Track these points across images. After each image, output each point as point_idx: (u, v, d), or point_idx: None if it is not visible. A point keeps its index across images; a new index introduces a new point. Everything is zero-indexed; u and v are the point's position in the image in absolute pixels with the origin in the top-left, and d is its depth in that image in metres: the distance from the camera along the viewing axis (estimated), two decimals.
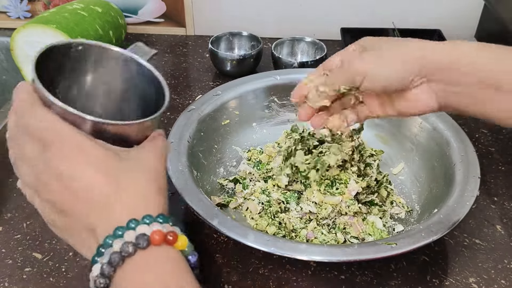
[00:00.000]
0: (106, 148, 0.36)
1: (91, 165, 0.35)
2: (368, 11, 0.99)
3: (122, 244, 0.33)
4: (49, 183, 0.35)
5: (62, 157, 0.35)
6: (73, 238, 0.37)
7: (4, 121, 0.77)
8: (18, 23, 0.94)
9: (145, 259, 0.34)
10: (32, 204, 0.38)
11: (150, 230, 0.34)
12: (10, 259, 0.55)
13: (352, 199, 0.58)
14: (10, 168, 0.39)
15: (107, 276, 0.33)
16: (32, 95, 0.37)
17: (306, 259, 0.48)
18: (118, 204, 0.35)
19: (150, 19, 1.03)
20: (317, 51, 0.90)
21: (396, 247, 0.48)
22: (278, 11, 1.00)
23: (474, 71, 0.43)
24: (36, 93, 0.37)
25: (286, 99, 0.73)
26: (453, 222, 0.50)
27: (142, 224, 0.34)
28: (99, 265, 0.34)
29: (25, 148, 0.36)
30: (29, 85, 0.38)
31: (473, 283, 0.53)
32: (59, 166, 0.35)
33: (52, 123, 0.35)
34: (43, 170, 0.35)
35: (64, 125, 0.35)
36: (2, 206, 0.61)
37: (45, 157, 0.35)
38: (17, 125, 0.38)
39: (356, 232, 0.57)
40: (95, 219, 0.35)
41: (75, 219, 0.35)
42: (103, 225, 0.34)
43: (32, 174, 0.37)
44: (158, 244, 0.34)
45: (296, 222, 0.58)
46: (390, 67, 0.45)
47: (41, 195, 0.37)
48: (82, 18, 0.81)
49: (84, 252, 0.37)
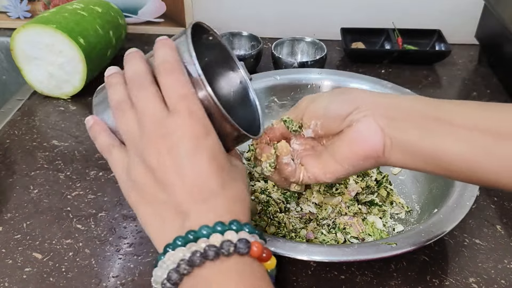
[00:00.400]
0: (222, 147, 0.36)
1: (210, 154, 0.35)
2: (368, 11, 0.99)
3: (223, 241, 0.32)
4: (158, 148, 0.34)
5: (185, 132, 0.34)
6: (155, 211, 0.35)
7: (4, 121, 0.77)
8: (18, 23, 0.94)
9: (236, 264, 0.33)
10: (103, 154, 0.39)
11: (252, 239, 0.33)
12: (10, 259, 0.55)
13: (352, 200, 0.58)
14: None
15: (193, 265, 0.32)
16: (178, 59, 0.36)
17: (306, 259, 0.48)
18: (220, 202, 0.34)
19: (150, 19, 1.04)
20: (317, 51, 0.90)
21: (396, 247, 0.48)
22: (278, 11, 1.00)
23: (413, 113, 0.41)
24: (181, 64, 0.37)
25: (286, 99, 0.73)
26: (453, 222, 0.50)
27: (242, 230, 0.33)
28: (185, 251, 0.32)
29: (149, 100, 0.36)
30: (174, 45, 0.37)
31: (473, 283, 0.53)
32: (178, 138, 0.34)
33: (192, 95, 0.35)
34: (157, 132, 0.35)
35: (200, 106, 0.35)
36: (2, 206, 0.61)
37: (166, 122, 0.35)
38: (147, 72, 0.37)
39: (356, 232, 0.57)
40: (193, 205, 0.34)
41: (170, 194, 0.34)
42: (199, 215, 0.34)
43: (137, 127, 0.36)
44: (255, 256, 0.33)
45: (296, 222, 0.58)
46: (334, 106, 0.44)
47: (136, 153, 0.36)
48: (82, 18, 0.82)
49: (155, 227, 0.35)
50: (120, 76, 0.39)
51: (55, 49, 0.78)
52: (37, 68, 0.80)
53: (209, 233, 0.32)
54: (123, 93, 0.38)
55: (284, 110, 0.74)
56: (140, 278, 0.53)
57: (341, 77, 0.73)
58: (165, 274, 0.33)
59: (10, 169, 0.67)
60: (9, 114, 0.79)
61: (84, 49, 0.78)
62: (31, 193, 0.63)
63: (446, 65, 0.95)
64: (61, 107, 0.81)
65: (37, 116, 0.79)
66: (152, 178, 0.35)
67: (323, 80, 0.73)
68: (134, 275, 0.53)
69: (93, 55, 0.81)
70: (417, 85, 0.89)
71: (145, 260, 0.55)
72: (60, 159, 0.69)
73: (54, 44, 0.77)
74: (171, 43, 0.38)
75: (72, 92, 0.82)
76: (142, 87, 0.36)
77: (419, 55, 0.94)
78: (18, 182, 0.65)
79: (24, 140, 0.73)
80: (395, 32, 0.96)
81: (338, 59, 0.97)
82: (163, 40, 0.38)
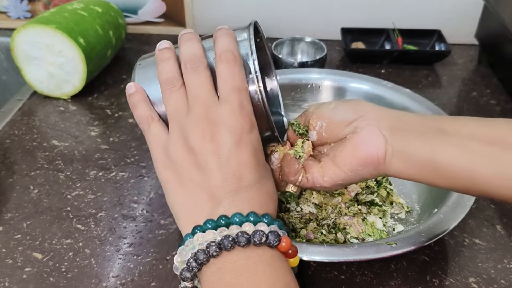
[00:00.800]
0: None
1: (253, 147, 0.36)
2: (368, 11, 0.99)
3: (255, 231, 0.33)
4: (204, 131, 0.36)
5: (235, 122, 0.36)
6: (188, 193, 0.36)
7: (4, 121, 0.77)
8: (18, 23, 0.94)
9: (264, 255, 0.34)
10: (141, 133, 0.40)
11: (282, 233, 0.35)
12: (10, 259, 0.55)
13: (351, 200, 0.58)
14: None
15: (222, 248, 0.33)
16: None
17: (306, 259, 0.48)
18: (255, 194, 0.35)
19: (150, 19, 1.04)
20: (317, 51, 0.90)
21: (396, 247, 0.48)
22: (278, 11, 1.00)
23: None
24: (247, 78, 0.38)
25: (286, 99, 0.73)
26: (453, 222, 0.50)
27: (275, 224, 0.35)
28: (214, 234, 0.33)
29: (204, 85, 0.37)
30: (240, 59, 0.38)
31: (473, 283, 0.53)
32: (226, 126, 0.36)
33: (246, 89, 0.37)
34: (207, 116, 0.36)
35: (250, 101, 0.37)
36: (2, 206, 0.61)
37: (217, 109, 0.36)
38: (207, 53, 0.39)
39: (356, 232, 0.57)
40: (227, 192, 0.35)
41: (207, 179, 0.35)
42: (231, 202, 0.35)
43: (186, 107, 0.37)
44: (283, 251, 0.34)
45: (296, 222, 0.58)
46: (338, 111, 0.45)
47: (179, 131, 0.37)
48: (82, 18, 0.82)
49: (186, 209, 0.36)
50: (172, 52, 0.40)
51: (55, 49, 0.78)
52: (37, 68, 0.80)
53: (242, 221, 0.33)
54: (175, 70, 0.39)
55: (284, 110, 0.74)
56: (140, 278, 0.53)
57: (341, 77, 0.73)
58: (191, 254, 0.33)
59: (10, 169, 0.67)
60: (9, 114, 0.79)
61: (84, 49, 0.78)
62: (31, 193, 0.63)
63: (446, 65, 0.95)
64: (61, 107, 0.82)
65: (37, 116, 0.79)
66: (192, 160, 0.36)
67: (323, 80, 0.73)
68: (134, 275, 0.53)
69: (93, 55, 0.81)
70: (417, 85, 0.89)
71: (145, 260, 0.55)
72: (60, 159, 0.69)
73: (54, 44, 0.77)
74: (234, 34, 0.39)
75: (72, 92, 0.82)
76: (198, 71, 0.37)
77: (419, 55, 0.94)
78: (18, 182, 0.65)
79: (24, 140, 0.73)
80: (395, 32, 0.96)
81: (338, 59, 0.97)
82: (226, 30, 0.39)
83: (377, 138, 0.41)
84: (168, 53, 0.40)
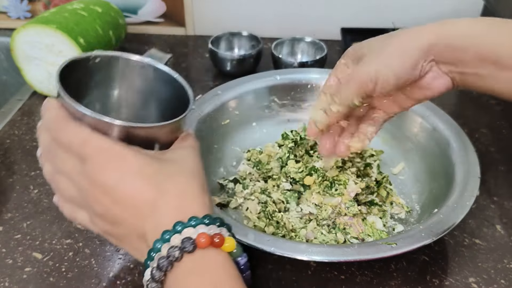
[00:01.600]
0: (144, 154, 0.36)
1: (133, 172, 0.35)
2: (368, 11, 0.99)
3: (169, 248, 0.33)
4: (95, 197, 0.36)
5: (104, 169, 0.35)
6: (128, 245, 0.38)
7: (4, 121, 0.77)
8: (18, 23, 0.94)
9: (193, 263, 0.33)
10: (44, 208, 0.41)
11: (196, 233, 0.34)
12: (10, 259, 0.55)
13: (351, 201, 0.58)
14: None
15: (158, 280, 0.33)
16: (61, 111, 0.37)
17: (306, 259, 0.48)
18: (164, 208, 0.35)
19: (150, 19, 1.03)
20: (317, 51, 0.90)
21: (396, 247, 0.48)
22: (278, 11, 1.00)
23: (469, 45, 0.42)
24: (63, 108, 0.37)
25: (286, 99, 0.73)
26: (453, 222, 0.50)
27: (188, 226, 0.34)
28: (149, 269, 0.34)
29: (65, 164, 0.37)
30: (55, 101, 0.38)
31: (473, 283, 0.53)
32: (101, 178, 0.35)
33: (88, 136, 0.35)
34: (86, 184, 0.36)
35: (99, 137, 0.35)
36: (2, 206, 0.61)
37: (86, 171, 0.35)
38: (51, 143, 0.38)
39: (356, 232, 0.57)
40: (144, 224, 0.35)
41: (126, 227, 0.36)
42: (152, 230, 0.35)
43: (75, 189, 0.37)
44: (205, 247, 0.34)
45: (296, 222, 0.58)
46: (396, 62, 0.44)
47: (89, 209, 0.37)
48: (82, 18, 0.82)
49: (138, 257, 0.37)
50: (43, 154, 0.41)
51: (55, 49, 0.78)
52: (37, 68, 0.80)
53: (160, 245, 0.34)
54: (49, 169, 0.40)
55: (284, 110, 0.74)
56: (140, 278, 0.52)
57: None
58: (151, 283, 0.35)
59: (10, 169, 0.67)
60: (9, 114, 0.79)
61: (84, 49, 0.78)
62: (31, 193, 0.63)
63: None
64: None
65: (37, 116, 0.79)
66: (108, 224, 0.37)
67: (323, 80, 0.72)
68: (134, 275, 0.53)
69: None
70: None
71: None
72: None
73: (54, 44, 0.77)
74: (50, 103, 0.38)
75: None
76: (54, 156, 0.38)
77: None
78: (18, 182, 0.65)
79: (24, 140, 0.73)
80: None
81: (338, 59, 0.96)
82: (44, 105, 0.39)
83: (444, 82, 0.45)
84: (40, 158, 0.41)
